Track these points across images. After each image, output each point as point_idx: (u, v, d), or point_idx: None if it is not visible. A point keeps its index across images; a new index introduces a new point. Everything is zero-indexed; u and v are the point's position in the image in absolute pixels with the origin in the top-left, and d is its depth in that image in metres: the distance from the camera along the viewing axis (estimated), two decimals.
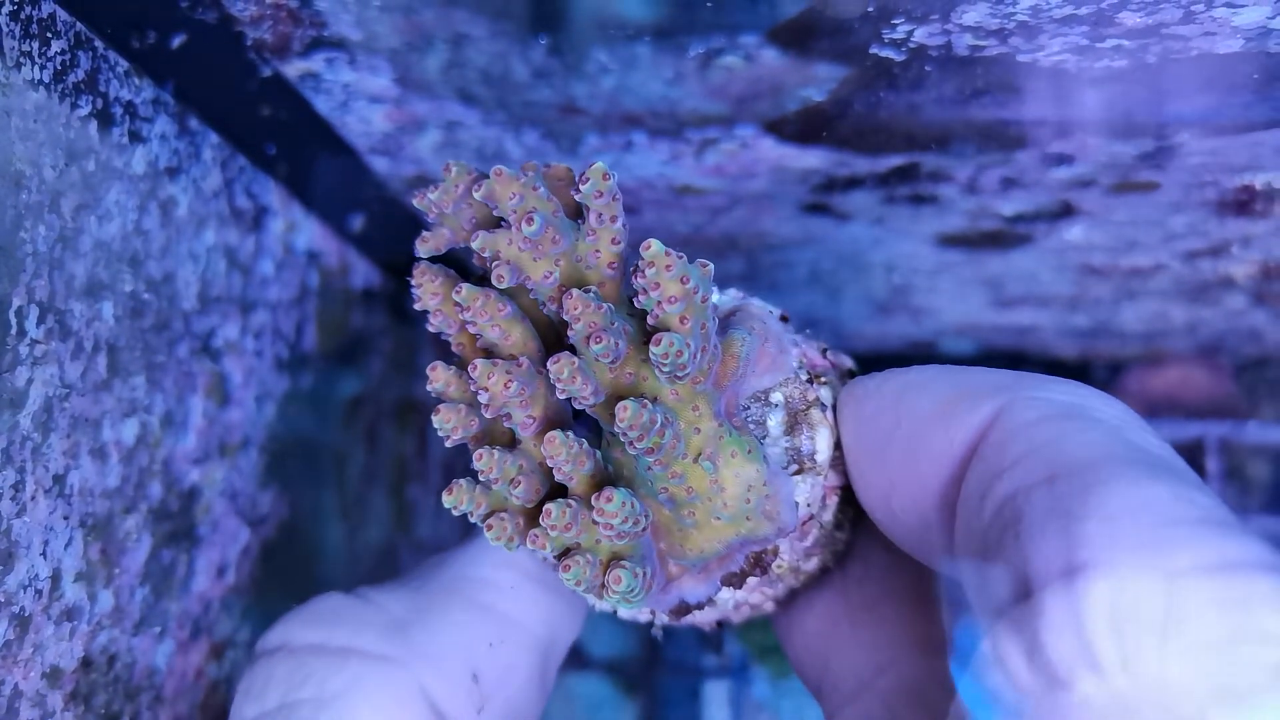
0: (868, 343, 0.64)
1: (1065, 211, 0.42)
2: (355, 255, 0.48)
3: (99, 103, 0.30)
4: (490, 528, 0.26)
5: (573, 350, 0.26)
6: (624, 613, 0.30)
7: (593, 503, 0.25)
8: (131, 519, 0.32)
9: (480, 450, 0.26)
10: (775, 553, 0.29)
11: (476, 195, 0.25)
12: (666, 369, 0.25)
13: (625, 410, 0.25)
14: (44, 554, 0.29)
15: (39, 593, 0.28)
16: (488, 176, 0.25)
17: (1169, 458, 0.22)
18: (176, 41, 0.32)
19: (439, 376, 0.27)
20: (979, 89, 0.32)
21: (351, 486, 0.49)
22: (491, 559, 0.29)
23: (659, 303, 0.25)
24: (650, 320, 0.25)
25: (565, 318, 0.25)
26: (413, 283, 0.27)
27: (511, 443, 0.27)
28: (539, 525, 0.26)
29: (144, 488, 0.33)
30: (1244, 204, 0.40)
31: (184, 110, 0.34)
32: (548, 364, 0.25)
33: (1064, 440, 0.23)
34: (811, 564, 0.30)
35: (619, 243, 0.26)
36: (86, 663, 0.31)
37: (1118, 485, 0.21)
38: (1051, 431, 0.23)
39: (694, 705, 0.65)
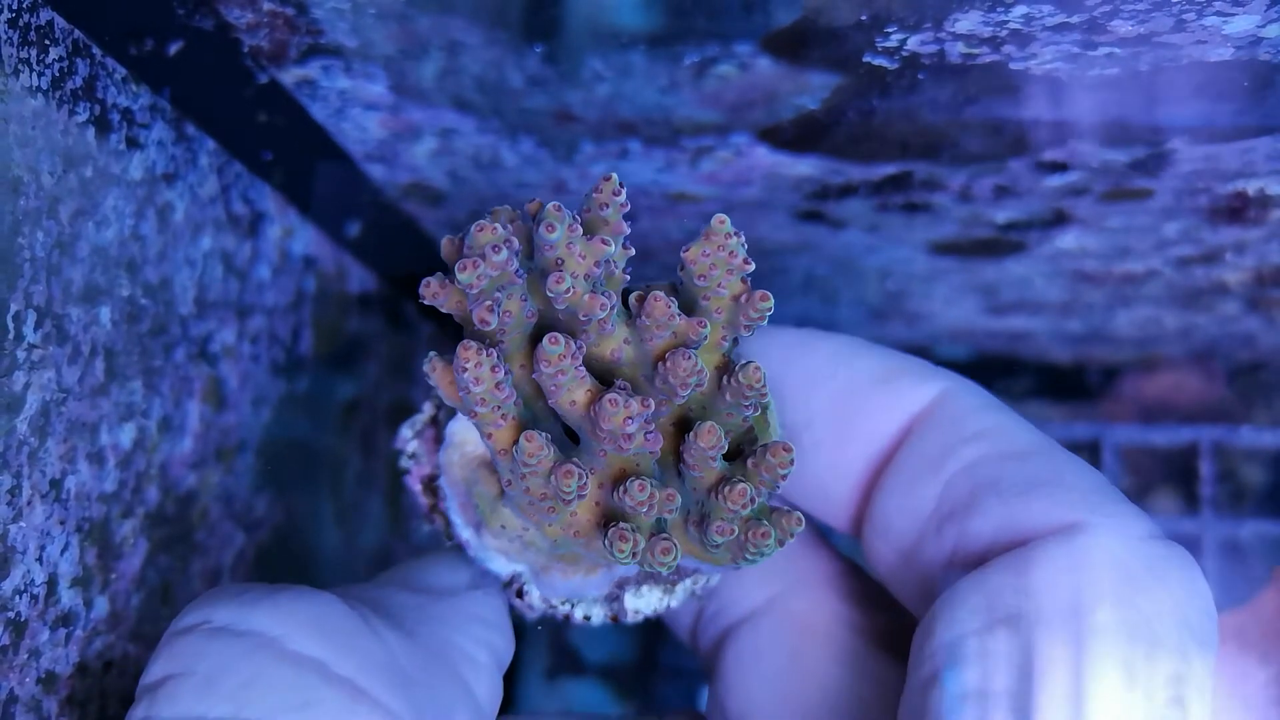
0: None
1: (1058, 219, 0.42)
2: (351, 261, 0.48)
3: (96, 109, 0.30)
4: (666, 551, 0.25)
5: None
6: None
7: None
8: (128, 524, 0.33)
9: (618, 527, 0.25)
10: None
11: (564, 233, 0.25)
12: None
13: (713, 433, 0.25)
14: (40, 559, 0.29)
15: (35, 598, 0.29)
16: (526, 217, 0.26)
17: None
18: (173, 48, 0.32)
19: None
20: (972, 97, 0.33)
21: (347, 491, 0.50)
22: (471, 633, 0.28)
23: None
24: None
25: (670, 380, 0.25)
26: (465, 364, 0.25)
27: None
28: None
29: (141, 492, 0.33)
30: (1237, 210, 0.41)
31: (181, 117, 0.34)
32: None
33: (1012, 426, 0.27)
34: None
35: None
36: (82, 668, 0.31)
37: (1072, 467, 0.26)
38: (999, 417, 0.28)
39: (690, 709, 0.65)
